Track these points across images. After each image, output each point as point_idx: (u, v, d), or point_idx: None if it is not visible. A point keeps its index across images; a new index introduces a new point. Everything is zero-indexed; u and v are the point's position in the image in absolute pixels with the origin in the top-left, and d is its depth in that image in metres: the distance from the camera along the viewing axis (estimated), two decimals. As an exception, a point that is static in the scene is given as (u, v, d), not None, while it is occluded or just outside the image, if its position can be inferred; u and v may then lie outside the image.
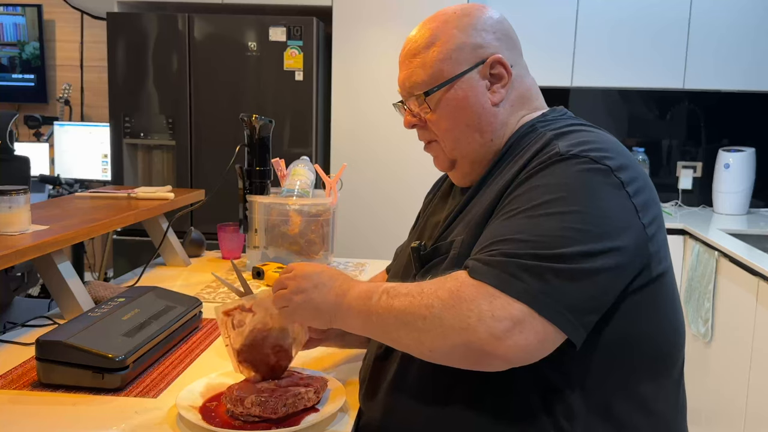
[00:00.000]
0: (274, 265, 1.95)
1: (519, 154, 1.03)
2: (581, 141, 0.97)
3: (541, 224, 0.89)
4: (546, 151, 0.97)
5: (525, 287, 0.85)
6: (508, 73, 1.07)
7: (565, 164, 0.93)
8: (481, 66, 1.06)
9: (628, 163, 0.96)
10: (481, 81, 1.07)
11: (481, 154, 1.09)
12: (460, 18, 1.08)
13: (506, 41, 1.09)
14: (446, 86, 1.07)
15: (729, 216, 3.40)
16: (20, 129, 4.16)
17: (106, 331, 1.28)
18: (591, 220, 0.89)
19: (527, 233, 0.89)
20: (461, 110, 1.07)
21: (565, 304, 0.86)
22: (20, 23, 4.16)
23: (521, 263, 0.87)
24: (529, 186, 0.95)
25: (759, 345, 2.36)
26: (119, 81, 3.26)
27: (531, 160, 0.98)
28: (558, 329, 0.86)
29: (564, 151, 0.95)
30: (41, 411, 1.13)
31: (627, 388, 0.96)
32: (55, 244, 1.50)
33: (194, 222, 3.17)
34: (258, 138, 2.05)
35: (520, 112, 1.10)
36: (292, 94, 3.19)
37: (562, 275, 0.86)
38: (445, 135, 1.10)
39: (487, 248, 0.92)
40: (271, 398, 1.07)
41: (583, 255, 0.87)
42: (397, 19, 3.24)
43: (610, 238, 0.89)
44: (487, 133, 1.08)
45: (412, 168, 3.29)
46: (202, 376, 1.25)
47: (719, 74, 3.32)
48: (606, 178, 0.92)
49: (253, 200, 2.02)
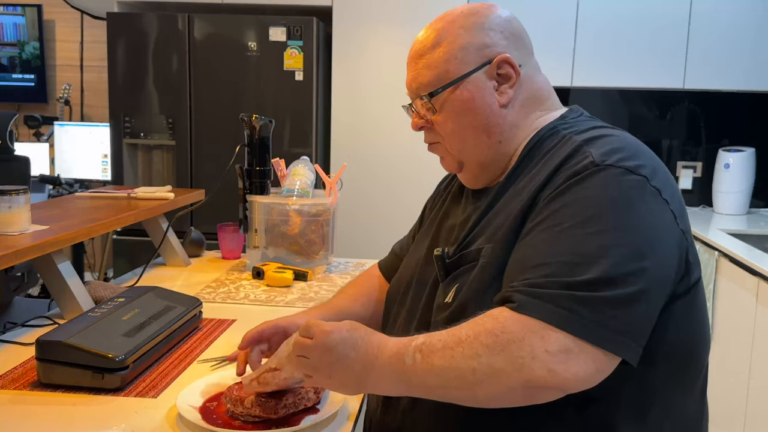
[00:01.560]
0: (274, 265, 1.96)
1: (543, 158, 1.00)
2: (613, 149, 0.93)
3: (587, 244, 0.86)
4: (578, 160, 0.93)
5: (578, 320, 0.82)
6: (516, 73, 1.04)
7: (602, 176, 0.90)
8: (488, 66, 1.03)
9: (657, 166, 0.94)
10: (489, 81, 1.04)
11: (489, 156, 1.07)
12: (466, 17, 1.05)
13: (514, 40, 1.06)
14: (452, 87, 1.04)
15: (729, 216, 3.40)
16: (20, 129, 4.16)
17: (106, 331, 1.28)
18: (636, 236, 0.86)
19: (574, 255, 0.86)
20: (468, 111, 1.05)
21: (622, 331, 0.83)
22: (20, 23, 4.16)
23: (573, 295, 0.83)
24: (567, 200, 0.90)
25: (759, 345, 2.36)
26: (119, 81, 3.26)
27: (561, 167, 0.95)
28: (615, 354, 0.83)
29: (599, 160, 0.91)
30: (41, 411, 1.13)
31: (662, 395, 0.95)
32: (55, 244, 1.50)
33: (194, 222, 3.17)
34: (258, 138, 2.05)
35: (534, 114, 1.07)
36: (292, 94, 3.19)
37: (615, 303, 0.83)
38: (451, 137, 1.08)
39: (530, 273, 0.87)
40: (271, 398, 1.07)
41: (634, 275, 0.84)
42: (397, 18, 3.24)
43: (656, 252, 0.87)
44: (494, 135, 1.05)
45: (412, 167, 3.29)
46: (202, 376, 1.25)
47: (719, 74, 3.32)
48: (644, 188, 0.89)
49: (253, 200, 2.02)
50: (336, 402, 1.14)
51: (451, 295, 1.00)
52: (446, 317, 0.98)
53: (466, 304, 0.96)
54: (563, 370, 0.81)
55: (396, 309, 1.15)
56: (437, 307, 1.03)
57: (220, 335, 1.52)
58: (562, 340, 0.81)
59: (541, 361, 0.81)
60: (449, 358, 0.85)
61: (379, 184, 3.33)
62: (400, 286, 1.17)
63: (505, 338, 0.83)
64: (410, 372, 0.88)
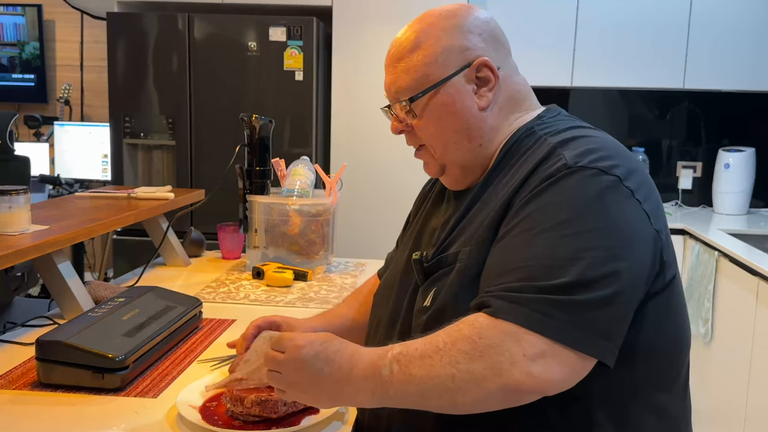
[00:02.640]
0: (274, 265, 1.96)
1: (519, 160, 1.00)
2: (587, 150, 0.94)
3: (561, 247, 0.86)
4: (552, 162, 0.94)
5: (555, 324, 0.83)
6: (495, 77, 1.03)
7: (574, 178, 0.90)
8: (467, 69, 1.03)
9: (633, 166, 0.94)
10: (468, 85, 1.03)
11: (471, 159, 1.06)
12: (446, 19, 1.05)
13: (493, 42, 1.05)
14: (432, 91, 1.04)
15: (729, 216, 3.40)
16: (20, 129, 4.16)
17: (106, 331, 1.29)
18: (609, 237, 0.87)
19: (548, 259, 0.86)
20: (448, 116, 1.04)
21: (598, 333, 0.84)
22: (20, 23, 4.16)
23: (548, 299, 0.83)
24: (541, 203, 0.91)
25: (759, 345, 2.36)
26: (119, 81, 3.26)
27: (536, 170, 0.95)
28: (591, 356, 0.84)
29: (572, 162, 0.91)
30: (41, 411, 1.13)
31: (643, 393, 0.95)
32: (55, 244, 1.50)
33: (194, 222, 3.17)
34: (258, 138, 2.05)
35: (513, 115, 1.07)
36: (292, 94, 3.19)
37: (590, 306, 0.83)
38: (432, 140, 1.08)
39: (506, 278, 0.88)
40: (271, 398, 1.07)
41: (608, 277, 0.85)
42: (398, 18, 3.23)
43: (630, 253, 0.87)
44: (475, 139, 1.05)
45: (412, 168, 3.28)
46: (202, 376, 1.25)
47: (719, 74, 3.32)
48: (617, 188, 0.90)
49: (253, 200, 2.02)
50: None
51: (429, 299, 1.00)
52: (425, 321, 0.98)
53: (444, 308, 0.96)
54: (540, 372, 0.82)
55: (380, 314, 1.15)
56: (417, 311, 1.03)
57: (220, 335, 1.52)
58: (538, 343, 0.82)
59: (520, 365, 0.82)
60: (428, 366, 0.85)
61: (379, 184, 3.33)
62: (385, 290, 1.17)
63: (482, 344, 0.83)
64: (387, 383, 0.87)
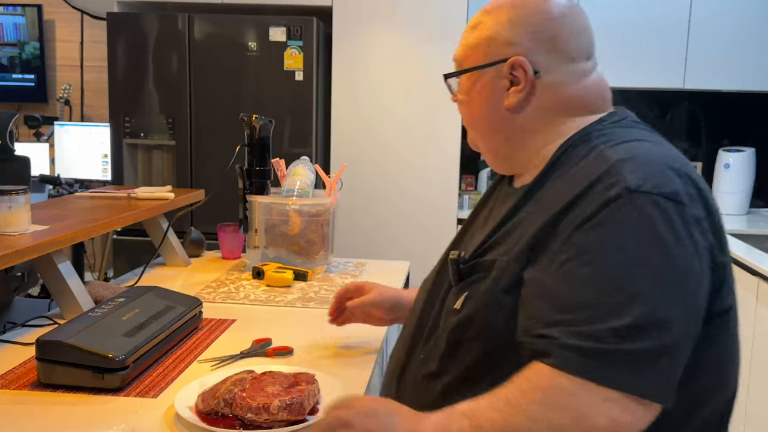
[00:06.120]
0: (274, 265, 1.96)
1: (571, 169, 0.94)
2: (649, 170, 0.86)
3: (624, 286, 0.81)
4: (610, 182, 0.86)
5: (627, 377, 0.80)
6: (526, 80, 0.99)
7: (636, 205, 0.83)
8: (502, 64, 1.00)
9: (699, 187, 0.89)
10: (500, 80, 1.01)
11: (501, 151, 1.05)
12: (512, 7, 1.01)
13: (547, 43, 0.99)
14: (467, 74, 1.04)
15: (729, 216, 3.40)
16: (20, 129, 4.16)
17: (106, 331, 1.29)
18: (675, 277, 0.82)
19: (607, 296, 0.81)
20: (477, 103, 1.04)
21: (665, 382, 0.82)
22: (20, 23, 4.16)
23: (620, 350, 0.80)
24: (601, 235, 0.84)
25: (759, 345, 2.36)
26: (119, 81, 3.26)
27: (591, 188, 0.88)
28: (657, 403, 0.82)
29: (633, 186, 0.84)
30: (41, 411, 1.13)
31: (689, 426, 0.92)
32: (55, 244, 1.50)
33: (194, 222, 3.17)
34: (258, 138, 2.05)
35: (560, 119, 1.01)
36: (292, 94, 3.19)
37: (657, 354, 0.80)
38: (466, 120, 1.08)
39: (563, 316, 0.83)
40: (295, 399, 1.06)
41: (669, 321, 0.81)
42: (397, 19, 3.24)
43: (697, 291, 0.84)
44: (500, 134, 1.03)
45: (412, 168, 3.29)
46: (202, 376, 1.25)
47: (719, 74, 3.32)
48: (682, 216, 0.84)
49: (253, 200, 2.02)
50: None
51: (460, 303, 0.98)
52: (454, 326, 0.97)
53: (472, 315, 0.95)
54: (618, 416, 0.80)
55: (417, 306, 1.13)
56: (447, 312, 1.01)
57: (220, 335, 1.52)
58: (611, 394, 0.80)
59: (599, 412, 0.80)
60: (500, 419, 0.82)
61: (379, 184, 3.33)
62: (425, 283, 1.15)
63: (557, 396, 0.81)
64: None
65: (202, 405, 1.10)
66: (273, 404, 1.05)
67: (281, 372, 1.19)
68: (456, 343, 0.97)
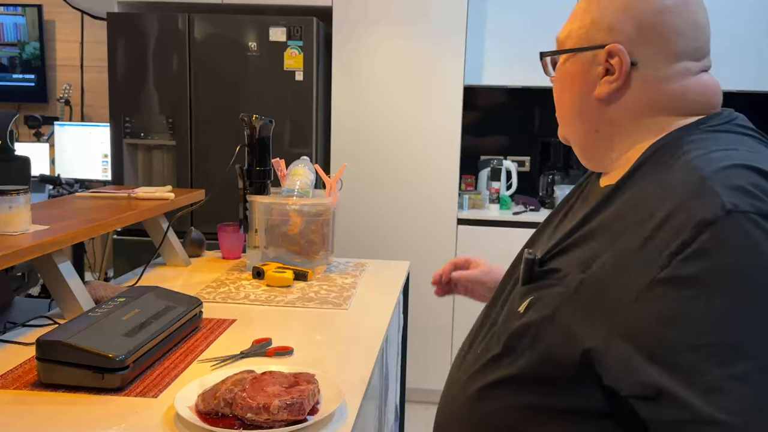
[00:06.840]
0: (274, 265, 1.96)
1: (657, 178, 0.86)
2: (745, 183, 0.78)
3: (738, 323, 0.73)
4: (703, 201, 0.77)
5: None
6: (621, 70, 0.92)
7: (735, 230, 0.74)
8: (600, 51, 0.94)
9: None
10: (595, 66, 0.95)
11: (587, 142, 1.00)
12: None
13: (652, 36, 0.92)
14: (564, 55, 0.99)
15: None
16: (20, 129, 4.16)
17: (107, 331, 1.29)
18: None
19: (720, 336, 0.73)
20: (568, 88, 0.99)
21: None
22: (20, 23, 4.16)
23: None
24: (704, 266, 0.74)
25: (759, 345, 2.35)
26: (119, 81, 3.26)
27: (681, 208, 0.78)
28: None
29: (730, 205, 0.75)
30: (41, 411, 1.13)
31: None
32: (55, 244, 1.50)
33: (194, 222, 3.17)
34: (258, 138, 2.05)
35: (650, 118, 0.94)
36: (292, 94, 3.19)
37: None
38: (556, 103, 1.03)
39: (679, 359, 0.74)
40: (295, 399, 1.06)
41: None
42: (398, 18, 3.24)
43: None
44: (587, 123, 0.98)
45: (412, 168, 3.29)
46: (202, 376, 1.25)
47: (719, 74, 3.29)
48: None
49: (253, 200, 2.02)
50: (335, 401, 1.14)
51: (523, 306, 0.92)
52: (514, 330, 0.91)
53: (530, 324, 0.89)
54: None
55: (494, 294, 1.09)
56: (510, 312, 0.95)
57: (221, 335, 1.52)
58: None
59: None
60: None
61: (379, 184, 3.33)
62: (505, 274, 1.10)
63: None
64: None
65: (203, 405, 1.10)
66: (273, 404, 1.05)
67: (281, 372, 1.20)
68: (510, 348, 0.92)
